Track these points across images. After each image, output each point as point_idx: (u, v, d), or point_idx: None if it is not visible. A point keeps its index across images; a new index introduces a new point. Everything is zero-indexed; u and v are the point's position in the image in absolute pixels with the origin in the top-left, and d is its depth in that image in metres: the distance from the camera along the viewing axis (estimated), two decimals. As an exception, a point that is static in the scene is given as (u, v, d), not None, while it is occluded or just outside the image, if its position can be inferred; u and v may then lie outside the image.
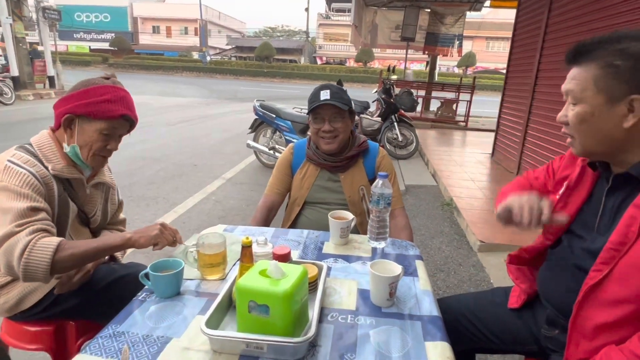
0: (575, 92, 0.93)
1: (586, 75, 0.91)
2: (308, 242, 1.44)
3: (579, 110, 0.93)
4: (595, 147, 0.94)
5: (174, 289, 1.05)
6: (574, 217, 1.07)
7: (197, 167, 5.33)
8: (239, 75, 30.11)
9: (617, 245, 0.88)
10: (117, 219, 1.54)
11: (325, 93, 1.65)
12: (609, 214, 0.97)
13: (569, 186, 1.08)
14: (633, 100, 0.85)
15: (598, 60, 0.89)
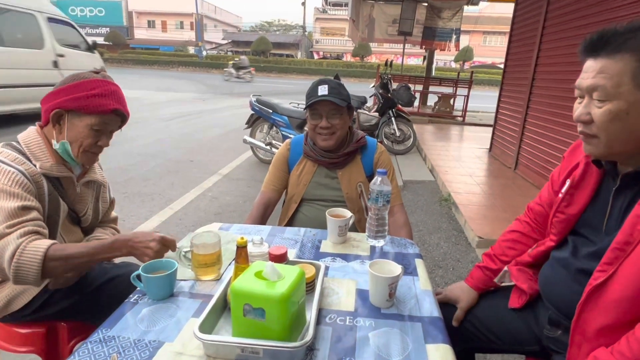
0: (606, 88, 0.84)
1: (620, 69, 0.82)
2: (305, 240, 1.41)
3: (611, 108, 0.84)
4: (623, 147, 0.87)
5: (167, 290, 1.02)
6: (579, 217, 1.04)
7: (193, 163, 5.28)
8: (235, 70, 29.91)
9: (623, 245, 0.85)
10: (109, 218, 1.51)
11: (323, 88, 1.61)
12: (618, 214, 0.94)
13: (572, 184, 1.05)
14: None
15: (635, 50, 0.81)
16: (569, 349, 0.96)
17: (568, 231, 1.07)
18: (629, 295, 0.85)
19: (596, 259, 0.91)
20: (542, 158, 4.49)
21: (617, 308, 0.86)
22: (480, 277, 1.26)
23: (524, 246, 1.25)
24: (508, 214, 3.66)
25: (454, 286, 1.29)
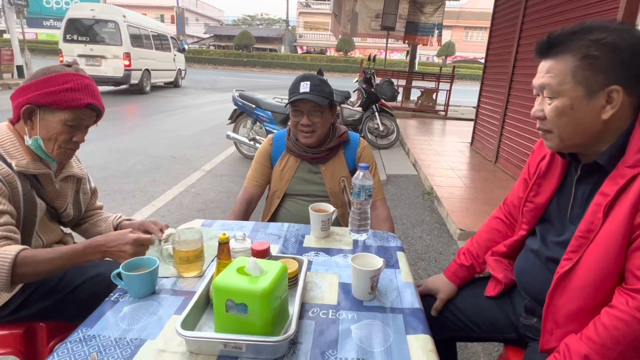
0: (552, 86, 0.91)
1: (563, 68, 0.88)
2: (288, 235, 1.41)
3: (558, 105, 0.90)
4: (574, 139, 0.93)
5: (148, 288, 1.01)
6: (547, 206, 1.08)
7: (175, 159, 5.21)
8: (217, 65, 29.55)
9: (585, 233, 0.90)
10: (94, 207, 1.49)
11: (305, 85, 1.60)
12: (580, 203, 0.98)
13: (539, 175, 1.09)
14: (612, 91, 0.85)
15: (574, 51, 0.87)
16: (541, 335, 0.99)
17: (536, 220, 1.11)
18: (593, 281, 0.89)
19: (563, 248, 0.95)
20: (522, 151, 4.58)
21: (584, 294, 0.90)
22: (456, 271, 1.29)
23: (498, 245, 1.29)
24: (489, 207, 3.74)
25: (434, 278, 1.32)
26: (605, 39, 0.84)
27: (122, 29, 10.11)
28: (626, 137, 0.88)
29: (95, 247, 1.09)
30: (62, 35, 10.17)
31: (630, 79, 0.85)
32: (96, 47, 10.04)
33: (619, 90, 0.85)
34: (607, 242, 0.86)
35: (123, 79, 10.36)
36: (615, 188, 0.85)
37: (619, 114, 0.87)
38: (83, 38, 10.09)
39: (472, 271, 1.28)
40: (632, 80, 0.85)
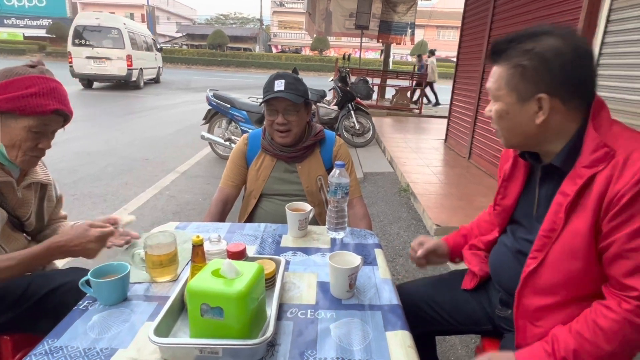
0: (493, 91, 0.96)
1: (500, 75, 0.93)
2: (265, 236, 1.39)
3: (497, 108, 0.96)
4: (516, 140, 0.98)
5: (119, 294, 0.97)
6: (515, 207, 1.11)
7: (148, 161, 5.08)
8: (191, 64, 29.01)
9: (548, 233, 0.92)
10: (57, 216, 1.42)
11: (280, 83, 1.59)
12: (544, 202, 1.00)
13: (505, 178, 1.13)
14: (541, 99, 0.88)
15: (508, 60, 0.91)
16: (516, 333, 1.02)
17: (506, 222, 1.15)
18: (559, 280, 0.91)
19: (529, 244, 0.98)
20: (494, 147, 4.70)
21: (551, 292, 0.93)
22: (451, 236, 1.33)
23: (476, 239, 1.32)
24: (463, 202, 3.82)
25: None
26: (535, 49, 0.87)
27: (124, 35, 12.06)
28: (578, 138, 0.90)
29: (56, 249, 1.05)
30: (70, 40, 11.87)
31: (557, 87, 0.87)
32: (102, 50, 11.83)
33: (545, 99, 0.88)
34: (572, 243, 0.88)
35: (126, 77, 12.29)
36: (574, 188, 0.86)
37: (557, 118, 0.90)
38: (90, 42, 11.85)
39: (463, 241, 1.31)
40: (560, 88, 0.87)
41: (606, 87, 2.83)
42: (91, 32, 11.91)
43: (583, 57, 0.87)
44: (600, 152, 0.84)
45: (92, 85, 12.63)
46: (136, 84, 12.82)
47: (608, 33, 2.84)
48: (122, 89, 12.62)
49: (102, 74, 11.98)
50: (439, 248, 1.28)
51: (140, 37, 13.55)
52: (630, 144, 0.83)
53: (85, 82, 12.37)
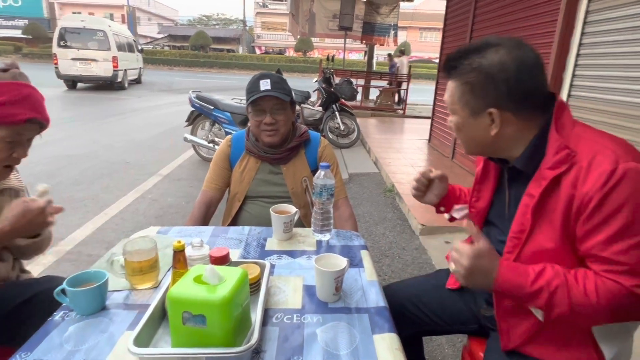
0: (448, 104, 0.98)
1: (453, 91, 0.95)
2: (250, 239, 1.37)
3: (453, 120, 0.99)
4: (476, 149, 1.01)
5: (97, 303, 0.94)
6: (489, 209, 1.12)
7: (130, 165, 4.97)
8: (173, 66, 28.62)
9: (518, 234, 0.93)
10: None
11: (266, 83, 1.57)
12: (514, 203, 1.01)
13: (477, 181, 1.14)
14: (491, 113, 0.90)
15: (458, 76, 0.93)
16: (500, 337, 1.02)
17: (482, 223, 1.15)
18: None
19: (504, 245, 0.98)
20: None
21: None
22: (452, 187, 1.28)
23: None
24: (448, 201, 3.84)
25: None
26: (480, 65, 0.89)
27: (110, 37, 12.33)
28: (539, 142, 0.91)
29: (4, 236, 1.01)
30: (55, 42, 12.00)
31: (504, 101, 0.89)
32: (88, 52, 12.04)
33: (495, 112, 0.89)
34: (543, 244, 0.89)
35: (112, 78, 12.51)
36: (539, 190, 0.87)
37: (511, 128, 0.91)
38: (75, 44, 12.05)
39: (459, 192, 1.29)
40: (508, 102, 0.89)
41: (585, 87, 2.89)
42: (76, 34, 12.11)
43: (528, 68, 0.88)
44: (562, 153, 0.85)
45: (76, 86, 12.77)
46: (121, 84, 13.09)
47: (585, 34, 2.90)
48: (106, 90, 12.59)
49: (88, 75, 12.23)
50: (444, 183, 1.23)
51: (123, 39, 13.81)
52: (593, 146, 0.84)
53: (69, 83, 12.54)
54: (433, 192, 1.24)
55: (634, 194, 0.78)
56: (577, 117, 0.93)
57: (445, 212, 1.27)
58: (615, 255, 0.79)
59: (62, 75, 12.02)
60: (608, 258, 0.80)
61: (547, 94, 0.92)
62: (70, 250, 2.79)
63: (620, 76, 2.56)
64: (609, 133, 0.90)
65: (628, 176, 0.78)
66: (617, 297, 0.79)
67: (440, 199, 1.25)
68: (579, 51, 2.96)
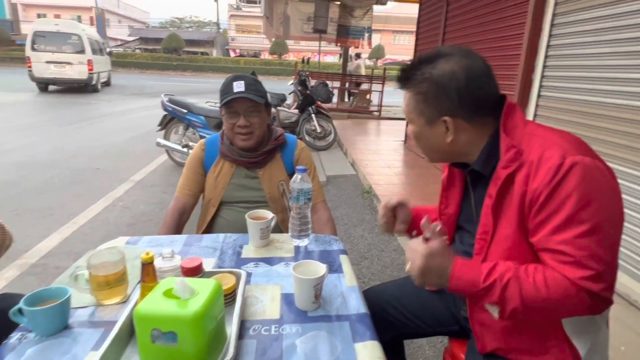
0: (405, 114, 1.00)
1: (408, 101, 0.97)
2: (225, 247, 1.32)
3: (411, 129, 1.01)
4: (436, 156, 1.03)
5: (58, 323, 0.87)
6: (458, 215, 1.13)
7: (99, 171, 4.79)
8: (145, 69, 27.93)
9: (483, 235, 0.94)
10: None
11: (240, 84, 1.52)
12: (479, 206, 1.01)
13: (444, 188, 1.15)
14: (445, 121, 0.92)
15: (411, 86, 0.95)
16: (476, 340, 1.02)
17: (454, 229, 1.16)
18: None
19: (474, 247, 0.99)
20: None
21: None
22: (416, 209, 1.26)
23: None
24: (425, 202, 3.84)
25: None
26: (432, 75, 0.91)
27: (84, 40, 12.50)
28: (493, 144, 0.93)
29: None
30: (29, 45, 12.04)
31: (456, 109, 0.91)
32: (63, 55, 12.10)
33: (449, 121, 0.92)
34: (505, 243, 0.90)
35: (87, 81, 12.65)
36: (495, 189, 0.89)
37: (466, 134, 0.94)
38: (50, 47, 12.09)
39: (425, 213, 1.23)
40: (460, 110, 0.91)
41: (553, 88, 2.97)
42: (50, 38, 12.17)
43: (476, 76, 0.90)
44: (510, 152, 0.87)
45: (48, 89, 12.81)
46: (95, 87, 13.31)
47: (553, 36, 2.99)
48: (77, 94, 12.46)
49: (62, 77, 12.32)
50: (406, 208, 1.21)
51: (95, 42, 13.88)
52: (543, 143, 0.86)
53: (42, 86, 12.60)
54: (399, 220, 1.22)
55: (580, 185, 0.79)
56: (547, 116, 0.95)
57: (418, 235, 1.27)
58: (561, 245, 0.80)
59: (37, 78, 12.02)
60: (554, 248, 0.81)
61: (498, 98, 0.94)
62: (35, 263, 2.65)
63: (586, 76, 2.64)
64: (559, 129, 0.92)
65: (574, 169, 0.80)
66: (566, 290, 0.80)
67: (409, 225, 1.24)
68: (547, 53, 3.04)
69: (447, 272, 0.87)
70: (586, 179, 0.80)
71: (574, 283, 0.79)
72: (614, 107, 2.40)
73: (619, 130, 2.36)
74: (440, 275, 0.87)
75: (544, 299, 0.81)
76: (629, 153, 2.29)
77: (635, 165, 2.25)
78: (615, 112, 2.39)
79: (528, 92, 3.20)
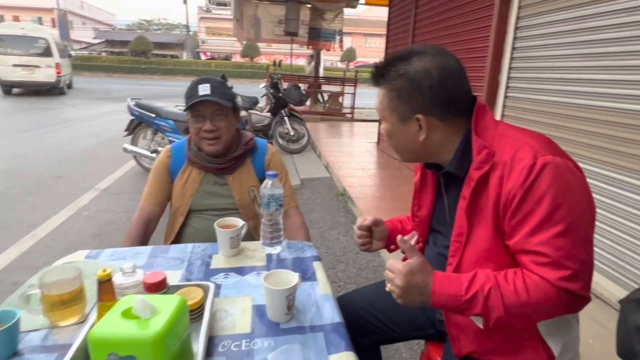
0: (379, 112, 0.99)
1: (382, 98, 0.96)
2: (193, 258, 1.26)
3: (384, 127, 0.99)
4: (409, 156, 1.01)
5: (6, 349, 0.79)
6: (431, 217, 1.12)
7: (62, 179, 4.57)
8: (112, 72, 27.06)
9: (458, 237, 0.93)
10: None
11: (205, 87, 1.47)
12: (453, 208, 1.01)
13: (416, 190, 1.14)
14: (418, 119, 0.91)
15: (386, 83, 0.94)
16: (451, 343, 1.01)
17: (427, 232, 1.15)
18: None
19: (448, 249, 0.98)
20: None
21: None
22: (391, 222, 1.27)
23: None
24: (398, 203, 3.91)
25: None
26: (406, 72, 0.90)
27: (52, 44, 12.66)
28: (466, 145, 0.93)
29: None
30: None
31: (429, 107, 0.90)
32: (30, 58, 12.30)
33: (422, 118, 0.91)
34: (480, 245, 0.89)
35: (55, 84, 12.88)
36: (469, 191, 0.89)
37: (439, 133, 0.93)
38: (16, 51, 12.23)
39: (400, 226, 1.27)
40: (433, 108, 0.91)
41: (519, 89, 3.05)
42: (16, 41, 12.36)
43: (450, 74, 0.90)
44: (482, 154, 0.87)
45: (12, 92, 12.88)
46: (61, 90, 13.57)
47: (517, 39, 3.07)
48: (41, 97, 12.33)
49: (30, 81, 12.50)
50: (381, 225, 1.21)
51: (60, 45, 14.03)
52: (514, 143, 0.86)
53: (7, 89, 12.76)
54: (376, 238, 1.21)
55: (552, 185, 0.79)
56: (514, 116, 0.95)
57: (397, 249, 1.26)
58: (538, 246, 0.80)
59: (3, 81, 12.23)
60: (532, 250, 0.81)
61: (470, 99, 0.94)
62: (-10, 279, 2.49)
63: (550, 77, 2.72)
64: (529, 129, 0.92)
65: (547, 169, 0.80)
66: (547, 293, 0.80)
67: (386, 241, 1.24)
68: (512, 55, 3.12)
69: (428, 289, 0.84)
70: (558, 179, 0.80)
71: (553, 284, 0.79)
72: (576, 107, 2.48)
73: (583, 130, 2.44)
74: (421, 292, 0.85)
75: (525, 304, 0.80)
76: (594, 152, 2.37)
77: (599, 164, 2.33)
78: (578, 112, 2.47)
79: (495, 93, 3.28)
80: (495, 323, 0.82)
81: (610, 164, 2.26)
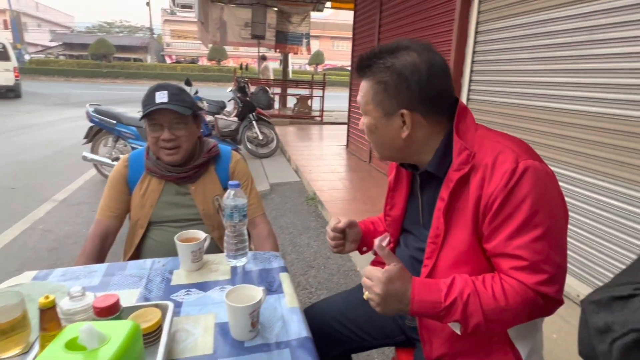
0: (362, 105, 0.96)
1: (366, 90, 0.93)
2: (152, 274, 1.19)
3: (366, 122, 0.96)
4: (388, 153, 0.99)
5: None
6: (404, 217, 1.11)
7: (16, 191, 4.31)
8: (70, 76, 25.86)
9: (434, 239, 0.92)
10: None
11: (162, 95, 1.40)
12: (427, 209, 1.01)
13: (390, 188, 1.13)
14: (403, 114, 0.90)
15: (372, 75, 0.92)
16: (422, 344, 1.00)
17: (399, 232, 1.14)
18: None
19: (422, 252, 0.97)
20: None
21: None
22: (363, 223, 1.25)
23: None
24: (368, 205, 3.93)
25: None
26: (394, 65, 0.89)
27: (9, 49, 12.91)
28: (447, 145, 0.93)
29: None
30: None
31: (415, 103, 0.89)
32: None
33: (407, 114, 0.90)
34: (458, 247, 0.89)
35: (14, 87, 13.10)
36: (448, 192, 0.88)
37: (422, 131, 0.92)
38: None
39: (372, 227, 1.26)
40: (418, 104, 0.90)
41: (480, 91, 3.14)
42: None
43: (437, 71, 0.89)
44: (463, 155, 0.87)
45: None
46: (18, 93, 13.57)
47: (478, 43, 3.16)
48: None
49: None
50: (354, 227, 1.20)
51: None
52: (495, 147, 0.86)
53: None
54: (349, 240, 1.19)
55: (532, 190, 0.80)
56: (476, 118, 0.96)
57: (368, 250, 1.24)
58: (517, 250, 0.81)
59: None
60: (510, 254, 0.82)
61: (453, 99, 0.94)
62: None
63: (509, 80, 2.81)
64: (508, 134, 0.93)
65: (527, 173, 0.81)
66: (524, 298, 0.80)
67: (359, 243, 1.22)
68: (473, 58, 3.21)
69: (407, 296, 0.83)
70: (538, 183, 0.81)
71: (531, 288, 0.80)
72: (535, 109, 2.57)
73: (541, 131, 2.53)
74: (400, 300, 0.83)
75: (504, 309, 0.80)
76: (552, 152, 2.46)
77: (559, 164, 2.42)
78: (537, 114, 2.56)
79: (458, 95, 3.35)
80: (474, 329, 0.82)
81: (569, 164, 2.35)
